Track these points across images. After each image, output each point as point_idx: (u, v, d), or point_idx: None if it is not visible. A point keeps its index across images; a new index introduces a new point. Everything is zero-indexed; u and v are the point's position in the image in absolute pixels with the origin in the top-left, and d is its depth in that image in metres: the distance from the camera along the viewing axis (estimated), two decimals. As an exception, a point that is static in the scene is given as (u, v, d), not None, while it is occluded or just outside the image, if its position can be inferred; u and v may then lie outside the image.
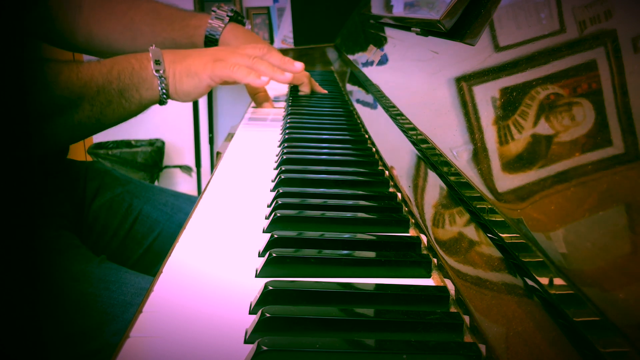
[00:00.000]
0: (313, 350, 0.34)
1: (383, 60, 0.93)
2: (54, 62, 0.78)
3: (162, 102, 0.86)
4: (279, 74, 0.94)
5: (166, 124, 3.18)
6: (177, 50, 0.89)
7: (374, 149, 0.79)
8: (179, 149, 3.23)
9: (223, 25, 1.08)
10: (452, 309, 0.40)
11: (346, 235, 0.49)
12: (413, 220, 0.54)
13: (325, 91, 1.20)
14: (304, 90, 1.17)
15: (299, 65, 0.98)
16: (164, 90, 0.84)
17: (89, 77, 0.78)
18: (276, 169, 0.72)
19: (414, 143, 0.63)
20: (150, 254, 0.99)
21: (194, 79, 0.86)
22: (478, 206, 0.41)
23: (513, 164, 0.37)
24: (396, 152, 0.68)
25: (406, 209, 0.57)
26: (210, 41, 1.08)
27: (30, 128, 0.23)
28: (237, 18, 1.13)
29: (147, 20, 1.07)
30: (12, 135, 0.22)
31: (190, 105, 3.12)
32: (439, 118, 0.54)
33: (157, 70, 0.83)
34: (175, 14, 1.09)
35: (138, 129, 3.06)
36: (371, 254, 0.46)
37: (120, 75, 0.81)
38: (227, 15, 1.10)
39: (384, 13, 1.05)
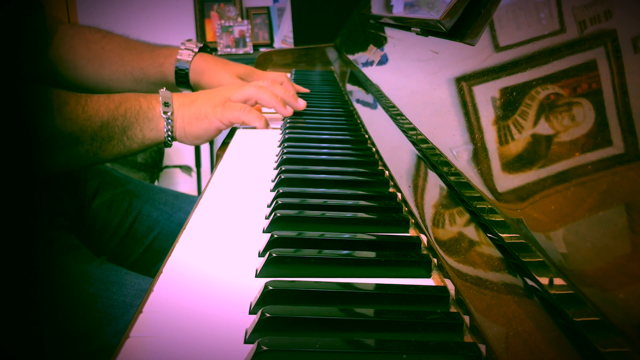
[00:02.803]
0: (313, 350, 0.34)
1: (383, 60, 0.93)
2: (62, 90, 0.77)
3: (166, 144, 0.86)
4: (281, 106, 0.94)
5: (166, 124, 3.17)
6: (186, 94, 0.88)
7: (374, 149, 0.79)
8: (179, 149, 3.23)
9: (193, 54, 1.09)
10: (452, 309, 0.40)
11: (346, 235, 0.49)
12: (413, 220, 0.54)
13: (307, 90, 1.20)
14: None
15: (302, 103, 0.98)
16: (170, 133, 0.84)
17: (94, 110, 0.78)
18: (276, 169, 0.72)
19: (414, 143, 0.63)
20: (150, 253, 1.00)
21: (204, 122, 0.86)
22: (478, 206, 0.41)
23: (513, 164, 0.37)
24: (396, 152, 0.68)
25: (406, 209, 0.57)
26: (181, 69, 1.09)
27: (33, 150, 0.23)
28: (206, 50, 1.14)
29: (117, 50, 1.08)
30: (14, 155, 0.22)
31: (190, 105, 3.12)
32: (439, 118, 0.54)
33: (164, 112, 0.83)
34: (145, 45, 1.11)
35: (138, 129, 3.05)
36: (371, 254, 0.46)
37: (127, 113, 0.81)
38: (197, 46, 1.12)
39: (384, 13, 1.05)
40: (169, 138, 0.85)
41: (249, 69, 1.14)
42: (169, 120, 0.83)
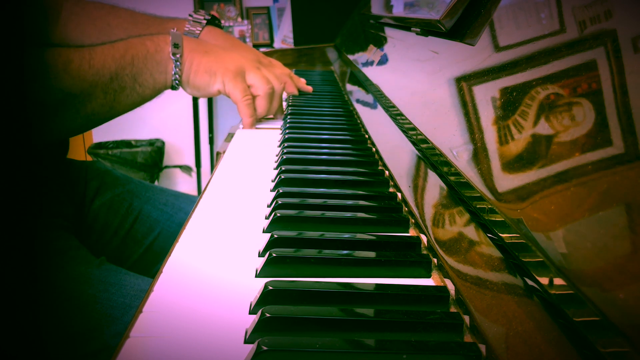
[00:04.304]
0: (313, 350, 0.34)
1: (383, 60, 0.93)
2: (62, 48, 0.75)
3: (173, 87, 0.84)
4: (255, 120, 0.95)
5: (166, 124, 3.18)
6: (200, 40, 0.87)
7: (374, 149, 0.79)
8: (179, 149, 3.23)
9: (200, 29, 1.07)
10: (452, 309, 0.40)
11: (346, 235, 0.49)
12: (413, 220, 0.54)
13: (310, 88, 1.19)
14: (289, 90, 1.14)
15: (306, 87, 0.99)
16: (177, 76, 0.83)
17: (101, 64, 0.76)
18: (276, 168, 0.72)
19: (414, 143, 0.63)
20: (150, 254, 0.99)
21: (211, 78, 0.85)
22: (478, 206, 0.41)
23: (513, 164, 0.37)
24: (396, 152, 0.68)
25: (406, 209, 0.57)
26: None
27: (31, 119, 0.23)
28: (215, 22, 1.12)
29: (123, 25, 1.06)
30: (9, 127, 0.22)
31: (190, 105, 3.12)
32: (439, 118, 0.54)
33: (174, 54, 0.81)
34: (152, 19, 1.09)
35: (138, 129, 3.06)
36: (371, 254, 0.46)
37: (134, 59, 0.79)
38: (205, 19, 1.09)
39: (384, 13, 1.05)
40: (176, 82, 0.83)
41: (255, 58, 1.12)
42: (178, 63, 0.82)
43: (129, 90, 0.79)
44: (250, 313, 0.40)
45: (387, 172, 0.68)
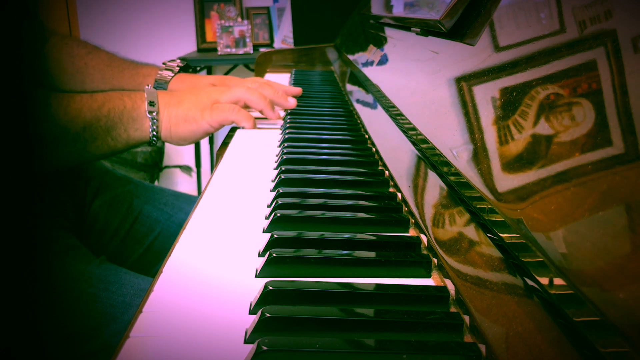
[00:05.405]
0: (313, 350, 0.34)
1: (383, 60, 0.93)
2: (43, 91, 0.76)
3: (151, 144, 0.85)
4: (269, 109, 0.94)
5: (166, 124, 3.17)
6: (172, 93, 0.88)
7: (374, 149, 0.79)
8: (179, 149, 3.23)
9: (172, 75, 1.08)
10: (452, 309, 0.40)
11: (346, 235, 0.49)
12: (413, 220, 0.54)
13: (300, 89, 1.17)
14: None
15: (292, 102, 0.98)
16: (155, 132, 0.83)
17: (76, 112, 0.77)
18: (276, 169, 0.72)
19: (414, 143, 0.63)
20: (150, 254, 1.00)
21: (192, 124, 0.85)
22: (478, 206, 0.41)
23: (513, 164, 0.37)
24: (396, 152, 0.68)
25: (406, 209, 0.57)
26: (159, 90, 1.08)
27: (34, 146, 0.23)
28: (188, 70, 1.13)
29: (99, 67, 1.07)
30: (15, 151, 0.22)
31: (190, 105, 3.11)
32: (439, 118, 0.54)
33: (150, 112, 0.82)
34: (128, 64, 1.10)
35: (138, 129, 3.05)
36: (371, 254, 0.46)
37: (110, 113, 0.79)
38: (178, 66, 1.10)
39: (384, 13, 1.05)
40: (154, 138, 0.84)
41: (219, 79, 1.12)
42: (154, 120, 0.82)
43: (100, 142, 0.80)
44: (250, 313, 0.40)
45: (387, 172, 0.68)
